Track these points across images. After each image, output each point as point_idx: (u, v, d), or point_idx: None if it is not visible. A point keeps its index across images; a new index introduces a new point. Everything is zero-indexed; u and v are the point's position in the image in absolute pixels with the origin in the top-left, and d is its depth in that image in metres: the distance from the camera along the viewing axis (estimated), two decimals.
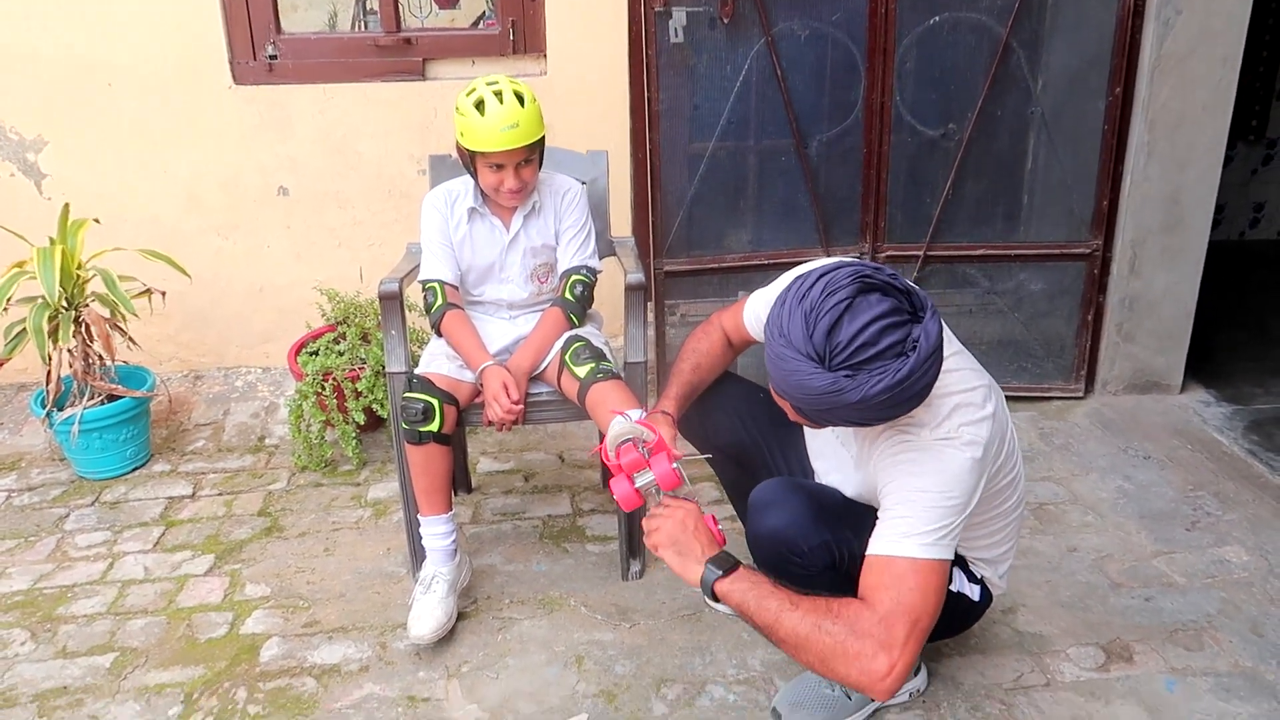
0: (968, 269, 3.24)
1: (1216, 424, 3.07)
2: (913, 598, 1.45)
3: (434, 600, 2.12)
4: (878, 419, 1.46)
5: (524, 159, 2.13)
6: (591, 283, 2.32)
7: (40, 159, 3.21)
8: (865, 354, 1.37)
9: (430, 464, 2.13)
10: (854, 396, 1.38)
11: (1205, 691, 1.96)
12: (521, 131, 2.08)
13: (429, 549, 2.19)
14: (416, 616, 2.09)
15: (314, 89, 3.22)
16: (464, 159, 2.19)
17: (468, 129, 2.09)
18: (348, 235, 3.40)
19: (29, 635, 2.19)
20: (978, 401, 1.56)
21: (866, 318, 1.38)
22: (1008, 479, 1.68)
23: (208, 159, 3.26)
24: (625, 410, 2.00)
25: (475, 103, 2.07)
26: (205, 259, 3.32)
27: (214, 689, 2.01)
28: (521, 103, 2.08)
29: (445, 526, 2.19)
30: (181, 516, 2.67)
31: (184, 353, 3.50)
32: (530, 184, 2.20)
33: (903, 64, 2.96)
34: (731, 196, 3.16)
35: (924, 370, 1.40)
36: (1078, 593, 2.28)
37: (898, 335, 1.39)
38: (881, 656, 1.41)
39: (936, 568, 1.48)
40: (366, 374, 2.85)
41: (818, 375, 1.39)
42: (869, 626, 1.43)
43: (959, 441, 1.51)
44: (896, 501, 1.51)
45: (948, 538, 1.49)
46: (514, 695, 1.99)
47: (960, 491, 1.50)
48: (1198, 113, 2.90)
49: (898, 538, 1.48)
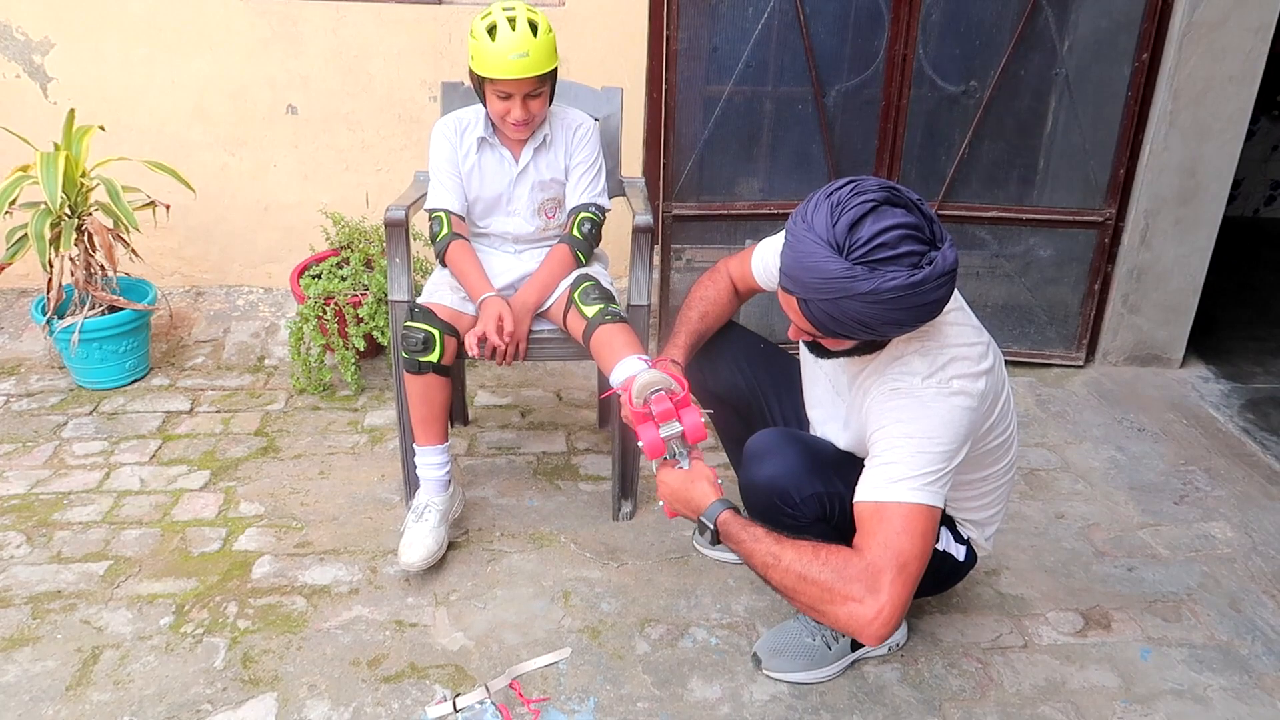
0: (978, 230, 3.21)
1: (1213, 400, 3.08)
2: (900, 542, 1.45)
3: (425, 529, 2.14)
4: (878, 321, 1.44)
5: (533, 90, 2.09)
6: (600, 221, 2.30)
7: (47, 61, 3.16)
8: (883, 254, 1.40)
9: (429, 394, 2.14)
10: (865, 287, 1.40)
11: (1179, 661, 1.99)
12: (531, 61, 2.04)
13: (423, 479, 2.21)
14: (407, 544, 2.12)
15: (327, 6, 3.16)
16: (474, 84, 2.15)
17: (478, 53, 2.06)
18: (355, 158, 3.36)
19: (24, 539, 2.22)
20: (974, 356, 1.56)
21: (890, 222, 1.41)
22: (999, 439, 1.68)
23: (217, 71, 3.21)
24: (631, 354, 2.00)
25: (488, 27, 2.03)
26: (211, 174, 3.29)
27: (205, 602, 2.05)
28: (535, 32, 2.04)
29: (440, 457, 2.20)
30: (179, 431, 2.69)
31: (186, 268, 3.48)
32: (538, 117, 2.16)
33: (928, 16, 2.90)
34: (745, 142, 3.12)
35: (936, 285, 1.41)
36: (1061, 559, 2.30)
37: (916, 247, 1.41)
38: (869, 600, 1.43)
39: (924, 512, 1.48)
40: (368, 300, 2.84)
41: (834, 260, 1.41)
42: (856, 571, 1.45)
43: (950, 390, 1.52)
44: (884, 448, 1.52)
45: (936, 484, 1.50)
46: (500, 626, 2.02)
47: (949, 438, 1.51)
48: (1224, 83, 2.85)
49: (885, 483, 1.49)
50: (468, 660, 1.92)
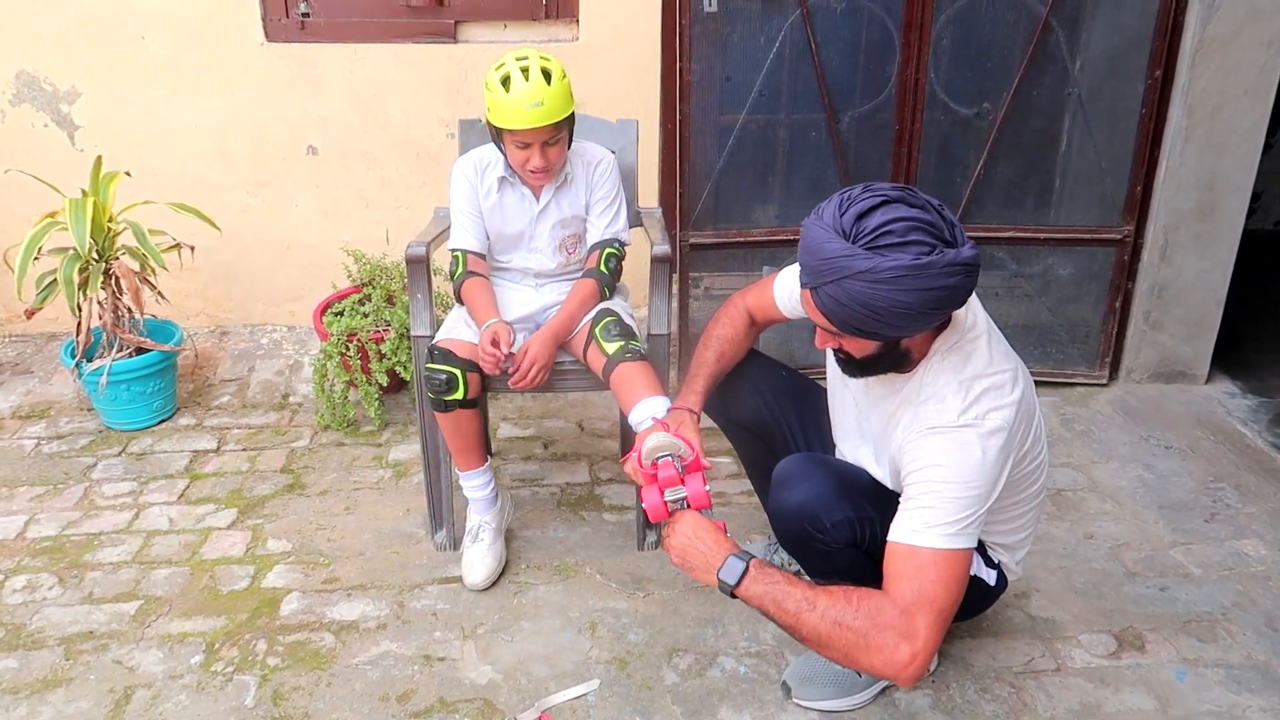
0: (996, 251, 3.21)
1: (1241, 416, 3.04)
2: (935, 589, 1.45)
3: (482, 548, 2.25)
4: (885, 306, 1.40)
5: (550, 138, 2.10)
6: (622, 256, 2.32)
7: (73, 110, 3.23)
8: (888, 240, 1.40)
9: (460, 426, 2.19)
10: (862, 265, 1.39)
11: (1216, 683, 1.96)
12: (546, 110, 2.04)
13: (470, 499, 2.29)
14: (469, 565, 2.23)
15: (345, 48, 3.22)
16: (493, 135, 2.18)
17: (494, 105, 2.08)
18: (375, 196, 3.41)
19: (56, 580, 2.24)
20: (1006, 384, 1.55)
21: (900, 214, 1.41)
22: (1033, 465, 1.67)
23: (238, 116, 3.27)
24: (650, 395, 2.02)
25: (501, 78, 2.04)
26: (233, 215, 3.34)
27: (235, 640, 2.06)
28: (549, 80, 2.04)
29: (482, 478, 2.29)
30: (206, 470, 2.71)
31: (211, 308, 3.53)
32: (556, 164, 2.18)
33: (939, 40, 2.92)
34: (760, 170, 3.14)
35: (945, 272, 1.39)
36: (1092, 579, 2.28)
37: (926, 239, 1.40)
38: (904, 646, 1.42)
39: (959, 558, 1.48)
40: (391, 336, 2.87)
41: (836, 241, 1.42)
42: (891, 619, 1.44)
43: (984, 429, 1.50)
44: (920, 491, 1.51)
45: (971, 527, 1.49)
46: (528, 658, 2.02)
47: (984, 481, 1.50)
48: (1239, 98, 2.85)
49: (921, 527, 1.48)
50: (496, 694, 1.92)
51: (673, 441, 1.71)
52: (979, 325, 1.60)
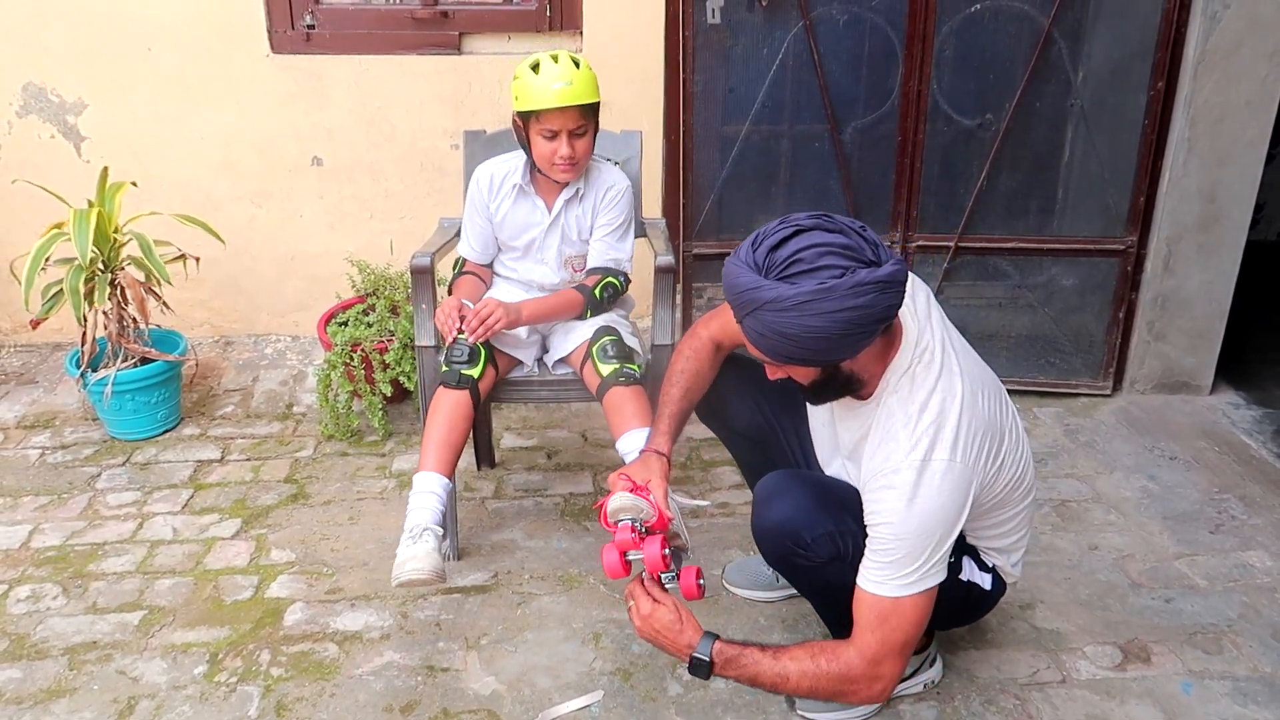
0: (999, 261, 3.21)
1: (1245, 427, 3.04)
2: (896, 635, 1.55)
3: (428, 548, 1.96)
4: (799, 332, 1.40)
5: (577, 127, 2.13)
6: (622, 289, 2.34)
7: (80, 122, 3.25)
8: (797, 268, 1.40)
9: (454, 414, 2.10)
10: (769, 295, 1.39)
11: (1222, 695, 1.96)
12: (575, 90, 2.09)
13: (419, 505, 2.03)
14: (412, 557, 1.94)
15: (350, 60, 3.23)
16: (518, 131, 2.20)
17: (522, 90, 2.11)
18: (379, 207, 3.42)
19: (61, 590, 2.25)
20: (951, 410, 1.52)
21: (811, 241, 1.41)
22: (1012, 474, 1.63)
23: (243, 127, 3.29)
24: (638, 426, 2.03)
25: (531, 64, 2.11)
26: (238, 226, 3.35)
27: (238, 650, 2.06)
28: (577, 65, 2.12)
29: (444, 490, 2.06)
30: (210, 480, 2.72)
31: (215, 318, 3.54)
32: (583, 159, 2.19)
33: (941, 52, 2.93)
34: (763, 181, 3.15)
35: (849, 296, 1.37)
36: (1097, 591, 2.27)
37: (839, 263, 1.39)
38: (876, 686, 1.59)
39: (919, 601, 1.55)
40: (394, 346, 2.87)
41: (746, 275, 1.43)
42: (859, 672, 1.56)
43: (935, 467, 1.49)
44: (879, 546, 1.54)
45: (934, 567, 1.54)
46: (531, 669, 2.01)
47: (941, 524, 1.52)
48: (1241, 109, 2.86)
49: (883, 579, 1.54)
50: (500, 705, 1.92)
51: (635, 504, 1.69)
52: (931, 342, 1.57)
